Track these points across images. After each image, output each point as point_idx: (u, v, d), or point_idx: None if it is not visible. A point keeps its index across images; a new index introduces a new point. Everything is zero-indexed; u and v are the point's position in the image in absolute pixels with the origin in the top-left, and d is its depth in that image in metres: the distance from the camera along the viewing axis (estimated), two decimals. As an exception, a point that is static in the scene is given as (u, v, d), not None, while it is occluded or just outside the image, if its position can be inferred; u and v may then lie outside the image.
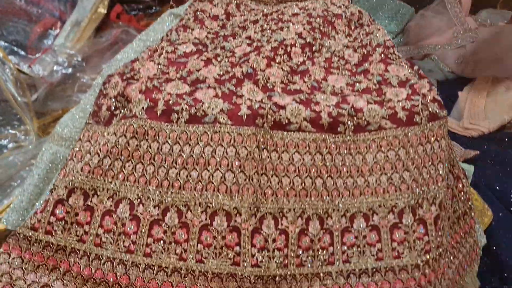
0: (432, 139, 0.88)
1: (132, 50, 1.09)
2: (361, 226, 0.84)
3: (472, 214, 1.00)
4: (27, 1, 1.34)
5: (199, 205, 0.80)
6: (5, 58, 1.25)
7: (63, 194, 0.81)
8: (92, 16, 1.45)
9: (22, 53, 1.35)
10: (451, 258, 0.92)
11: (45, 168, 1.00)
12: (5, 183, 1.21)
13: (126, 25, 1.49)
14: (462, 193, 0.98)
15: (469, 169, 1.13)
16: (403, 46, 1.44)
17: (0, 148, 1.29)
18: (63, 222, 0.80)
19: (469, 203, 1.00)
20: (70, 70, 1.31)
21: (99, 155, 0.83)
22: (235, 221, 0.79)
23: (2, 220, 0.91)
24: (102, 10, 1.47)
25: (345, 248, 0.83)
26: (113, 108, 0.90)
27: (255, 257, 0.79)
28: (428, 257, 0.83)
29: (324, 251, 0.82)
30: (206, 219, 0.79)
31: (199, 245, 0.78)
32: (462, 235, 0.96)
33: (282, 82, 0.94)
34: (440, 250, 0.85)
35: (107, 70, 1.03)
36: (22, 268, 0.78)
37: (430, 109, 0.89)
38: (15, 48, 1.33)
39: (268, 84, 0.92)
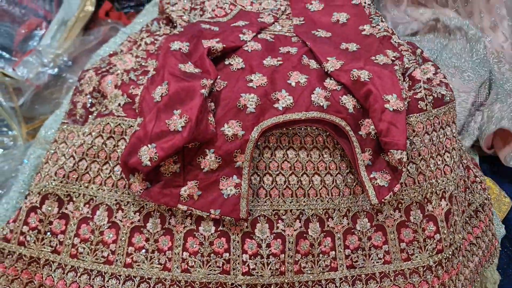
0: (438, 126, 0.80)
1: (115, 44, 1.02)
2: (365, 226, 0.75)
3: (490, 204, 0.92)
4: (9, 1, 1.28)
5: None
6: (-12, 62, 1.20)
7: (36, 201, 0.74)
8: (79, 15, 1.39)
9: (7, 56, 1.29)
10: (469, 256, 0.84)
11: (30, 173, 0.95)
12: (-7, 191, 1.16)
13: (115, 22, 1.42)
14: (475, 183, 0.89)
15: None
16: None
17: (-12, 156, 1.24)
18: (36, 231, 0.73)
19: (486, 193, 0.91)
20: (56, 70, 1.25)
21: (74, 158, 0.76)
22: (223, 225, 0.72)
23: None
24: (90, 8, 1.41)
25: (348, 251, 0.74)
26: (89, 105, 0.83)
27: (246, 264, 0.71)
28: (440, 257, 0.74)
29: (326, 256, 0.74)
30: (191, 224, 0.72)
31: (184, 253, 0.71)
32: (482, 229, 0.88)
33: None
34: (453, 248, 0.76)
35: (88, 66, 0.96)
36: (-4, 283, 0.72)
37: (434, 94, 0.80)
38: (-1, 51, 1.28)
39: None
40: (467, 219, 0.87)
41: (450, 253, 0.76)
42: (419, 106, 0.79)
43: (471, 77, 1.11)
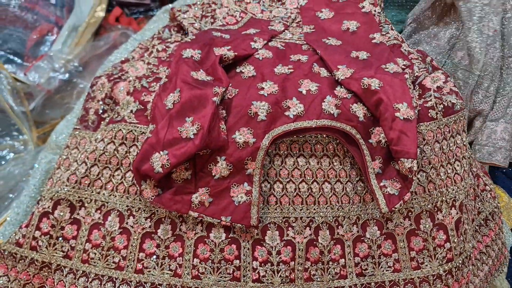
0: (448, 135, 0.80)
1: (126, 50, 1.03)
2: (375, 234, 0.75)
3: (500, 213, 0.91)
4: (21, 7, 1.29)
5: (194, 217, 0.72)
6: (1, 67, 1.21)
7: (49, 207, 0.75)
8: (90, 20, 1.40)
9: (19, 61, 1.31)
10: (479, 264, 0.83)
11: (40, 178, 0.96)
12: (4, 196, 1.17)
13: (125, 27, 1.43)
14: (485, 192, 0.89)
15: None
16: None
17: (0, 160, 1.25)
18: (48, 236, 0.74)
19: (496, 201, 0.91)
20: (66, 75, 1.26)
21: (86, 164, 0.77)
22: (234, 232, 0.72)
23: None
24: (101, 14, 1.42)
25: (358, 259, 0.75)
26: (101, 111, 0.84)
27: (256, 271, 0.71)
28: (450, 265, 0.74)
29: (335, 264, 0.74)
30: (202, 230, 0.72)
31: (195, 259, 0.71)
32: (492, 237, 0.88)
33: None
34: (463, 257, 0.76)
35: (100, 73, 0.97)
36: (8, 287, 0.72)
37: (445, 103, 0.80)
38: (11, 57, 1.29)
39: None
40: (477, 227, 0.87)
41: (460, 262, 0.76)
42: (429, 114, 0.79)
43: None
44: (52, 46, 1.33)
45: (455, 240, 0.75)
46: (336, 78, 0.81)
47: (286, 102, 0.76)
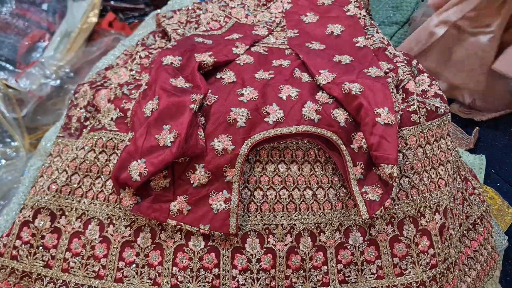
0: (432, 139, 0.78)
1: (114, 56, 1.03)
2: (358, 240, 0.75)
3: (489, 217, 0.90)
4: (13, 14, 1.30)
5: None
6: (-8, 73, 1.22)
7: (29, 215, 0.75)
8: (82, 26, 1.40)
9: (11, 67, 1.31)
10: (466, 270, 0.82)
11: (29, 185, 0.96)
12: (-5, 203, 1.18)
13: (118, 32, 1.43)
14: (473, 195, 0.88)
15: (481, 161, 1.02)
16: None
17: (-9, 167, 1.25)
18: (29, 245, 0.74)
19: (484, 205, 0.89)
20: (58, 82, 1.27)
21: (67, 172, 0.77)
22: (214, 240, 0.71)
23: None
24: (93, 19, 1.42)
25: (340, 266, 0.74)
26: (83, 119, 0.84)
27: (236, 280, 0.71)
28: (434, 272, 0.73)
29: (317, 271, 0.73)
30: (181, 239, 0.72)
31: (174, 267, 0.71)
32: (481, 242, 0.86)
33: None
34: (448, 263, 0.75)
35: (87, 79, 0.97)
36: (-10, 296, 0.73)
37: (428, 107, 0.79)
38: (3, 63, 1.30)
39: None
40: (464, 232, 0.85)
41: (445, 267, 0.74)
42: (412, 119, 0.78)
43: None
44: (44, 52, 1.34)
45: (439, 246, 0.74)
46: (318, 83, 0.80)
47: (266, 108, 0.76)
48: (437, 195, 0.76)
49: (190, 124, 0.70)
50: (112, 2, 1.57)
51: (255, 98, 0.76)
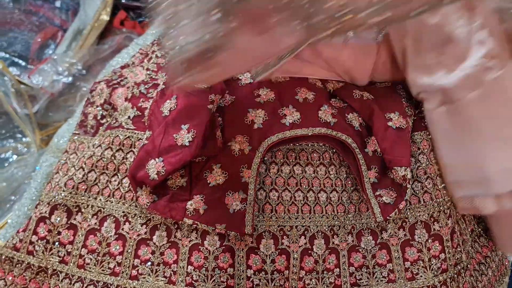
0: None
1: (128, 55, 1.03)
2: (370, 244, 0.75)
3: (502, 222, 0.91)
4: (26, 11, 1.31)
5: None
6: (5, 69, 1.22)
7: (46, 211, 0.76)
8: (94, 24, 1.41)
9: (23, 64, 1.32)
10: (478, 275, 0.83)
11: (41, 181, 0.96)
12: (6, 198, 1.18)
13: (130, 31, 1.44)
14: None
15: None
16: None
17: (3, 162, 1.26)
18: (45, 241, 0.74)
19: None
20: (70, 79, 1.28)
21: (83, 169, 0.77)
22: (229, 240, 0.72)
23: (-1, 237, 0.87)
24: (105, 17, 1.43)
25: (352, 269, 0.74)
26: (100, 117, 0.84)
27: (250, 280, 0.71)
28: (445, 276, 0.74)
29: (330, 273, 0.74)
30: (197, 238, 0.72)
31: (189, 266, 0.71)
32: (492, 248, 0.87)
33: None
34: (459, 267, 0.75)
35: (100, 78, 0.98)
36: (5, 291, 0.73)
37: None
38: (16, 59, 1.31)
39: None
40: (476, 237, 0.86)
41: (456, 272, 0.75)
42: (424, 123, 0.79)
43: None
44: (57, 49, 1.35)
45: (450, 251, 0.75)
46: (329, 90, 0.81)
47: (282, 109, 0.76)
48: (449, 200, 0.77)
49: (208, 124, 0.71)
50: (123, 1, 1.57)
51: (271, 100, 0.77)
